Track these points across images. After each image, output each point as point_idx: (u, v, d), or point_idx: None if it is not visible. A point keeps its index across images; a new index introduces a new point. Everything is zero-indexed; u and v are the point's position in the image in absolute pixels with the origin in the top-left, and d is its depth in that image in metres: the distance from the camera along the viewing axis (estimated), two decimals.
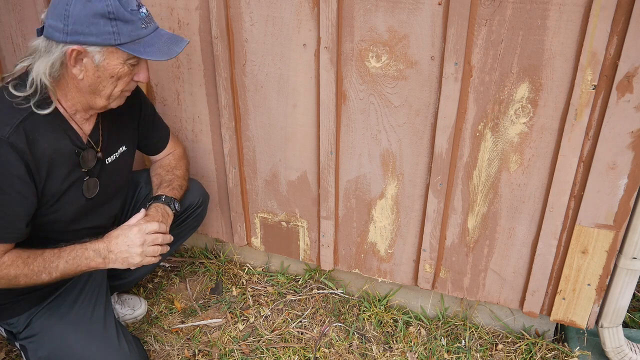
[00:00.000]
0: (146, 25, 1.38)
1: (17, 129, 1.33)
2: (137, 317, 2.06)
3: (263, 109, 1.89)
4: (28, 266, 1.42)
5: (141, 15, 1.36)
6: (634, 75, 1.39)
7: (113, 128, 1.63)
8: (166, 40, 1.42)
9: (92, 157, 1.54)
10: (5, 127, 1.32)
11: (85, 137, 1.52)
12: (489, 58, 1.52)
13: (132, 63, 1.40)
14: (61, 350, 1.55)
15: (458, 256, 1.85)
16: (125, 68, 1.39)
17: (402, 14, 1.55)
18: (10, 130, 1.32)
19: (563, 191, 1.60)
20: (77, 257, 1.47)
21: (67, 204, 1.51)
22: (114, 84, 1.42)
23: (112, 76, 1.39)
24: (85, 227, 1.63)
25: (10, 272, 1.40)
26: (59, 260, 1.45)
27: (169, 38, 1.43)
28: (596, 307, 1.75)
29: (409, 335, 2.00)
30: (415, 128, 1.70)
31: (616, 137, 1.47)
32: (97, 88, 1.41)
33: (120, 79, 1.41)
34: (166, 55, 1.39)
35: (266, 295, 2.20)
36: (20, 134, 1.33)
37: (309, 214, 2.02)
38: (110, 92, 1.43)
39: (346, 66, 1.69)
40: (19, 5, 2.09)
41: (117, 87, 1.43)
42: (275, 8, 1.70)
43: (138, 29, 1.35)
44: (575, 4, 1.37)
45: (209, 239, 2.39)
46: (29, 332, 1.58)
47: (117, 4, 1.31)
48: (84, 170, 1.52)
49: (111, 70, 1.38)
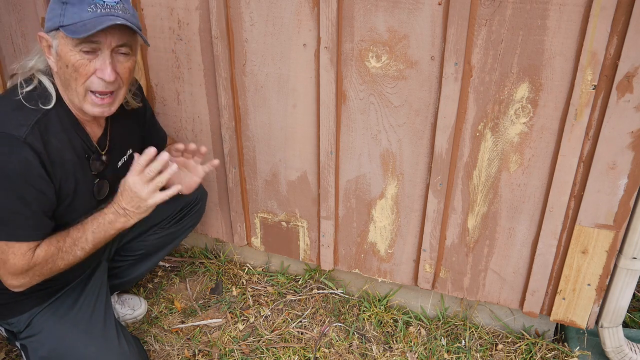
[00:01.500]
0: (95, 9, 1.29)
1: (32, 129, 1.33)
2: (137, 317, 2.06)
3: (263, 109, 1.89)
4: (60, 249, 1.43)
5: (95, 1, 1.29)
6: (634, 75, 1.39)
7: (123, 132, 1.63)
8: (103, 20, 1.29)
9: (99, 162, 1.54)
10: (21, 128, 1.32)
11: (95, 140, 1.53)
12: (489, 58, 1.52)
13: (85, 50, 1.31)
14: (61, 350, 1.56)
15: (458, 256, 1.85)
16: (76, 56, 1.31)
17: (402, 14, 1.55)
18: (26, 130, 1.32)
19: (563, 191, 1.60)
20: (101, 225, 1.46)
21: (80, 205, 1.52)
22: (74, 77, 1.35)
23: (67, 65, 1.33)
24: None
25: (48, 260, 1.41)
26: (86, 234, 1.45)
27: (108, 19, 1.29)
28: (596, 307, 1.75)
29: (409, 335, 1.99)
30: (415, 128, 1.70)
31: (616, 137, 1.47)
32: (67, 82, 1.37)
33: (76, 70, 1.33)
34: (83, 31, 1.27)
35: (266, 295, 2.20)
36: (35, 134, 1.34)
37: (309, 214, 2.02)
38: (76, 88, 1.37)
39: (346, 66, 1.69)
40: (19, 5, 2.09)
41: (78, 82, 1.35)
42: (275, 8, 1.70)
43: (82, 12, 1.28)
44: (575, 4, 1.37)
45: (209, 239, 2.39)
46: (30, 332, 1.59)
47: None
48: (94, 173, 1.53)
49: (65, 58, 1.33)
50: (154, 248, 1.94)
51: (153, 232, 1.90)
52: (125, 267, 1.95)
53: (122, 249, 1.89)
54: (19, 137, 1.30)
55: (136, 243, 1.90)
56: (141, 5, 1.88)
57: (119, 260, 1.91)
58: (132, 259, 1.93)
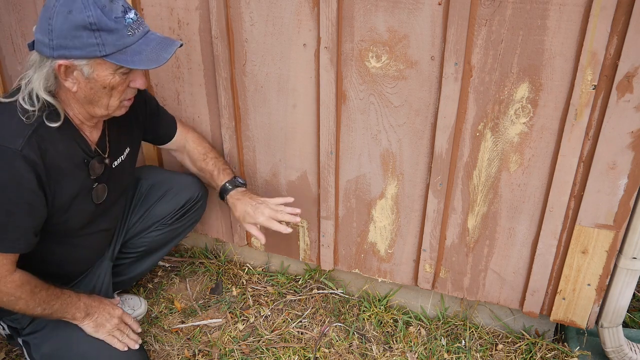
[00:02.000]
0: (133, 31, 1.32)
1: (29, 140, 1.33)
2: (137, 317, 2.06)
3: (263, 109, 1.89)
4: (33, 295, 1.45)
5: (127, 22, 1.30)
6: (634, 75, 1.39)
7: (120, 133, 1.64)
8: (155, 46, 1.35)
9: (99, 165, 1.54)
10: (18, 139, 1.32)
11: (93, 145, 1.53)
12: (489, 58, 1.52)
13: (124, 72, 1.36)
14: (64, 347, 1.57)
15: (458, 256, 1.85)
16: (116, 78, 1.35)
17: (402, 14, 1.55)
18: (22, 142, 1.32)
19: (563, 191, 1.60)
20: (70, 304, 1.55)
21: (78, 211, 1.52)
22: (108, 94, 1.38)
23: (104, 87, 1.35)
24: (94, 232, 1.66)
25: (16, 293, 1.43)
26: (57, 301, 1.51)
27: (158, 43, 1.36)
28: (596, 307, 1.75)
29: (409, 335, 1.99)
30: (415, 128, 1.70)
31: (616, 137, 1.47)
32: (93, 99, 1.38)
33: (114, 88, 1.37)
34: (155, 63, 1.33)
35: (266, 295, 2.20)
36: (32, 145, 1.33)
37: (309, 214, 2.02)
38: (108, 103, 1.40)
39: (346, 66, 1.69)
40: (19, 5, 2.09)
41: (113, 97, 1.39)
42: (275, 8, 1.70)
43: (124, 37, 1.29)
44: (575, 4, 1.37)
45: (209, 239, 2.39)
46: (33, 328, 1.60)
47: (99, 14, 1.25)
48: (92, 178, 1.53)
49: (102, 82, 1.34)
50: (156, 245, 1.95)
51: (155, 229, 1.91)
52: (127, 265, 1.95)
53: (124, 246, 1.90)
54: (14, 150, 1.30)
55: (138, 240, 1.91)
56: (141, 5, 1.88)
57: (120, 257, 1.92)
58: (134, 255, 1.94)
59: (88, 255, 1.73)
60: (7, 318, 1.62)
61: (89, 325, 1.59)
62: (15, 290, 1.42)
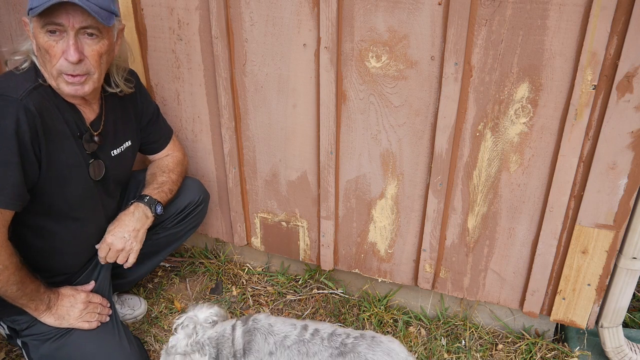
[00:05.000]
0: None
1: (30, 93, 1.37)
2: (137, 317, 2.06)
3: (263, 109, 1.89)
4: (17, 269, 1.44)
5: None
6: (634, 75, 1.39)
7: (118, 121, 1.66)
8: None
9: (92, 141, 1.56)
10: (19, 90, 1.36)
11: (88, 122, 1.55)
12: (489, 58, 1.52)
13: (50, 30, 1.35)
14: (63, 348, 1.56)
15: (458, 256, 1.85)
16: (44, 37, 1.36)
17: (402, 14, 1.55)
18: (24, 93, 1.36)
19: (563, 191, 1.60)
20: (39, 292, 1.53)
21: (75, 184, 1.53)
22: (47, 59, 1.39)
23: (39, 48, 1.39)
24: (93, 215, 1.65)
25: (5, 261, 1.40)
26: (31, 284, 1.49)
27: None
28: (596, 307, 1.75)
29: (409, 335, 1.99)
30: (415, 128, 1.70)
31: (616, 137, 1.47)
32: (43, 64, 1.42)
33: (47, 52, 1.37)
34: (33, 12, 1.31)
35: (266, 295, 2.20)
36: (33, 97, 1.37)
37: (309, 214, 2.02)
38: (51, 70, 1.40)
39: (346, 66, 1.69)
40: (19, 5, 2.10)
41: (51, 63, 1.39)
42: (275, 8, 1.70)
43: None
44: (575, 4, 1.37)
45: (209, 239, 2.39)
46: (33, 331, 1.59)
47: None
48: (88, 153, 1.55)
49: (37, 40, 1.38)
50: (156, 248, 1.94)
51: (155, 232, 1.90)
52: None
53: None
54: (15, 98, 1.34)
55: None
56: (141, 5, 1.88)
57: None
58: None
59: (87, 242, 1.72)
60: (7, 319, 1.62)
61: (49, 318, 1.56)
62: (5, 258, 1.40)
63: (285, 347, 1.38)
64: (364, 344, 1.35)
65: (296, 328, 1.42)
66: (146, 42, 1.95)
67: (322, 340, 1.37)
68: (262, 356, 1.39)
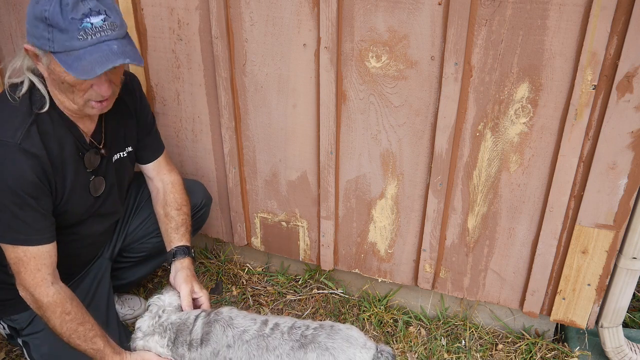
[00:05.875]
0: (86, 36, 1.25)
1: (28, 132, 1.33)
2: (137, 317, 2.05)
3: (263, 109, 1.89)
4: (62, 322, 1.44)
5: (83, 26, 1.24)
6: (634, 75, 1.39)
7: (119, 127, 1.63)
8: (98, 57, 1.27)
9: (95, 157, 1.54)
10: (16, 132, 1.32)
11: (88, 137, 1.52)
12: (489, 58, 1.52)
13: None
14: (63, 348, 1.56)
15: (458, 256, 1.85)
16: (70, 77, 1.29)
17: (402, 14, 1.55)
18: (21, 134, 1.32)
19: (563, 191, 1.60)
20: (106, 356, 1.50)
21: (76, 203, 1.52)
22: (70, 90, 1.34)
23: (62, 82, 1.32)
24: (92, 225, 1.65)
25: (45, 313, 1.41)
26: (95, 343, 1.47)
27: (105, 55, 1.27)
28: (596, 307, 1.75)
29: (409, 335, 1.99)
30: (415, 128, 1.70)
31: (616, 137, 1.47)
32: (63, 92, 1.36)
33: (73, 86, 1.32)
34: (85, 75, 1.26)
35: (266, 295, 2.20)
36: (33, 137, 1.34)
37: (309, 214, 2.02)
38: (73, 98, 1.37)
39: (346, 66, 1.69)
40: (19, 5, 2.09)
41: (75, 94, 1.35)
42: (275, 8, 1.70)
43: (72, 40, 1.24)
44: (575, 4, 1.37)
45: (209, 239, 2.39)
46: (33, 329, 1.59)
47: (56, 10, 1.21)
48: (89, 170, 1.53)
49: (59, 76, 1.30)
50: (157, 250, 1.94)
51: (156, 235, 1.90)
52: (127, 269, 1.95)
53: (124, 250, 1.89)
54: (13, 144, 1.30)
55: (139, 245, 1.90)
56: (141, 5, 1.88)
57: (121, 261, 1.91)
58: (134, 260, 1.94)
59: (86, 250, 1.72)
60: (7, 318, 1.62)
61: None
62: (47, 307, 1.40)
63: (244, 342, 1.38)
64: (323, 334, 1.35)
65: (256, 323, 1.42)
66: (146, 42, 1.95)
67: (282, 334, 1.38)
68: (219, 348, 1.39)
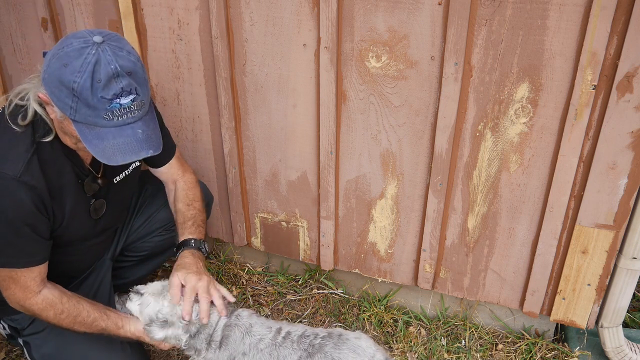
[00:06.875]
0: (112, 117, 1.23)
1: (28, 164, 1.33)
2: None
3: (263, 109, 1.89)
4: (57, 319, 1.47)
5: (112, 106, 1.22)
6: (634, 75, 1.39)
7: None
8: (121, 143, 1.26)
9: (93, 184, 1.54)
10: (17, 165, 1.32)
11: (87, 164, 1.52)
12: (489, 58, 1.52)
13: None
14: (64, 348, 1.57)
15: (458, 256, 1.85)
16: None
17: (402, 14, 1.55)
18: (22, 167, 1.32)
19: (563, 191, 1.60)
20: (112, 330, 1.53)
21: (76, 226, 1.53)
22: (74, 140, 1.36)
23: (73, 136, 1.32)
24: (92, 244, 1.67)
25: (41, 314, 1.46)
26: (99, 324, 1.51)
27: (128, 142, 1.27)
28: (596, 307, 1.75)
29: (409, 335, 1.99)
30: (415, 128, 1.70)
31: (616, 137, 1.47)
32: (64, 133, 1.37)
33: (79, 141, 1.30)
34: (104, 159, 1.26)
35: (266, 295, 2.20)
36: (32, 169, 1.34)
37: (309, 214, 2.02)
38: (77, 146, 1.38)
39: (346, 66, 1.69)
40: (19, 5, 2.09)
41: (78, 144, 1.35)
42: (275, 8, 1.70)
43: (98, 117, 1.23)
44: (575, 4, 1.37)
45: (208, 239, 2.39)
46: (34, 329, 1.60)
47: (86, 85, 1.19)
48: (88, 195, 1.54)
49: (70, 131, 1.31)
50: (159, 249, 1.94)
51: (158, 234, 1.90)
52: (128, 268, 1.95)
53: (126, 249, 1.90)
54: (13, 177, 1.31)
55: (141, 244, 1.91)
56: (141, 5, 1.88)
57: (122, 260, 1.92)
58: (135, 259, 1.94)
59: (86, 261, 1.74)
60: (8, 318, 1.62)
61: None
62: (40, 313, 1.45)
63: (259, 350, 1.41)
64: (330, 344, 1.36)
65: (271, 331, 1.44)
66: (146, 42, 1.95)
67: (292, 343, 1.40)
68: (235, 354, 1.42)
